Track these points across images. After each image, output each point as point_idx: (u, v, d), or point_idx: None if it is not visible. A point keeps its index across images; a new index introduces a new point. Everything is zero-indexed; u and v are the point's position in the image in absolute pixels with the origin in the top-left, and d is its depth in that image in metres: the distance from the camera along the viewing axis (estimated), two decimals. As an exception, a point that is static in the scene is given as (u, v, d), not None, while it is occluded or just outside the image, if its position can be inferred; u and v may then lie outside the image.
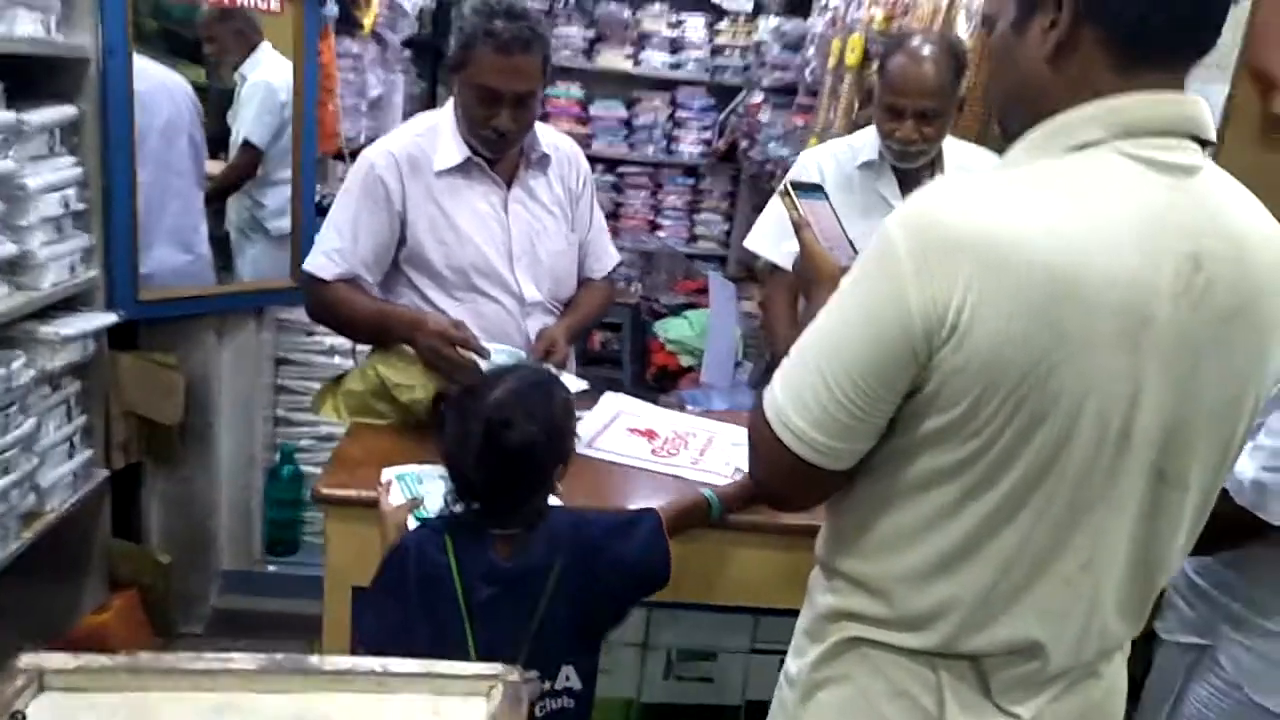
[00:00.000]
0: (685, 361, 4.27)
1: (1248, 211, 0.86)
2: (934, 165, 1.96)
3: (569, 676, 1.26)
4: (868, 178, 1.96)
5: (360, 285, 1.79)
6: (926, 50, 1.84)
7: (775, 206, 2.09)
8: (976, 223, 0.79)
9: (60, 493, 2.05)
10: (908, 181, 1.96)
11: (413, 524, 1.32)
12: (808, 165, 2.04)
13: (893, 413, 0.87)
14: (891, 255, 0.82)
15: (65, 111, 1.99)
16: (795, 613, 1.54)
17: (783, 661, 1.64)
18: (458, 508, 1.27)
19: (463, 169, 1.78)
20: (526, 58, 1.65)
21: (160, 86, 2.38)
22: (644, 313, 4.49)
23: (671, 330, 4.35)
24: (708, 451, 1.73)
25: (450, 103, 1.85)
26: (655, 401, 2.22)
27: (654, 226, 5.07)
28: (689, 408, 3.57)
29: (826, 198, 1.21)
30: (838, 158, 2.02)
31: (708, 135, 5.01)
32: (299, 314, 2.69)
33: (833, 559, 0.99)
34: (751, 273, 4.73)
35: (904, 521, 0.90)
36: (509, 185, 1.82)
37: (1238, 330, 0.84)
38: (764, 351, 4.13)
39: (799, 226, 1.15)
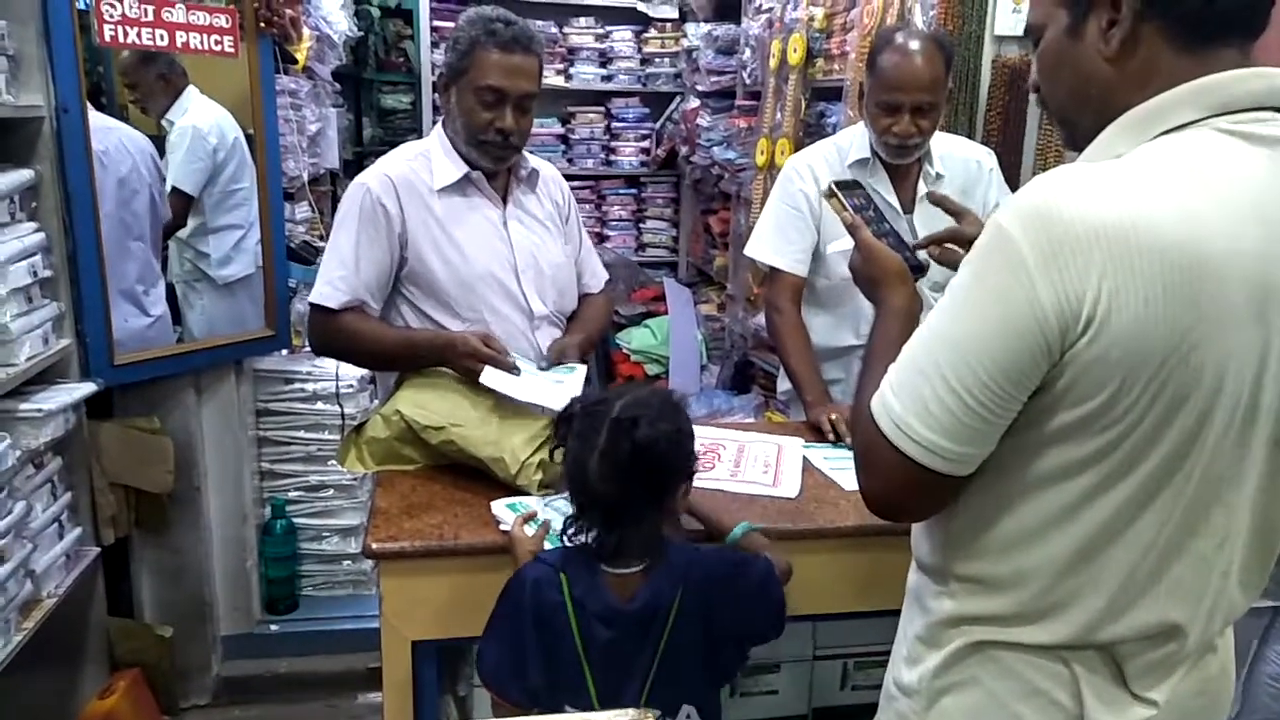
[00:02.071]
0: (651, 370, 4.27)
1: None
2: (922, 157, 1.99)
3: (690, 716, 1.24)
4: (860, 175, 1.99)
5: (367, 313, 1.77)
6: (915, 45, 1.86)
7: (769, 213, 2.10)
8: (1101, 212, 0.79)
9: (55, 576, 1.94)
10: (898, 176, 2.00)
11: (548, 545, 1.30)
12: (799, 169, 2.04)
13: (1019, 410, 0.86)
14: (1013, 253, 0.81)
15: (23, 175, 1.89)
16: (852, 615, 1.57)
17: (846, 665, 1.69)
18: (576, 539, 1.24)
19: (460, 187, 1.79)
20: (528, 58, 1.72)
21: (116, 142, 2.28)
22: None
23: (634, 340, 4.34)
24: (743, 462, 1.73)
25: (438, 128, 1.85)
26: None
27: (601, 239, 5.05)
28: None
29: (865, 192, 1.22)
30: (827, 159, 2.04)
31: (646, 144, 5.01)
32: (277, 363, 2.61)
33: (949, 563, 0.98)
34: (706, 275, 4.76)
35: (1034, 516, 0.89)
36: (504, 202, 1.84)
37: None
38: (730, 353, 4.16)
39: (853, 227, 1.14)
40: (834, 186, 1.21)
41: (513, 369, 1.67)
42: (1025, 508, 0.90)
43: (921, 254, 1.21)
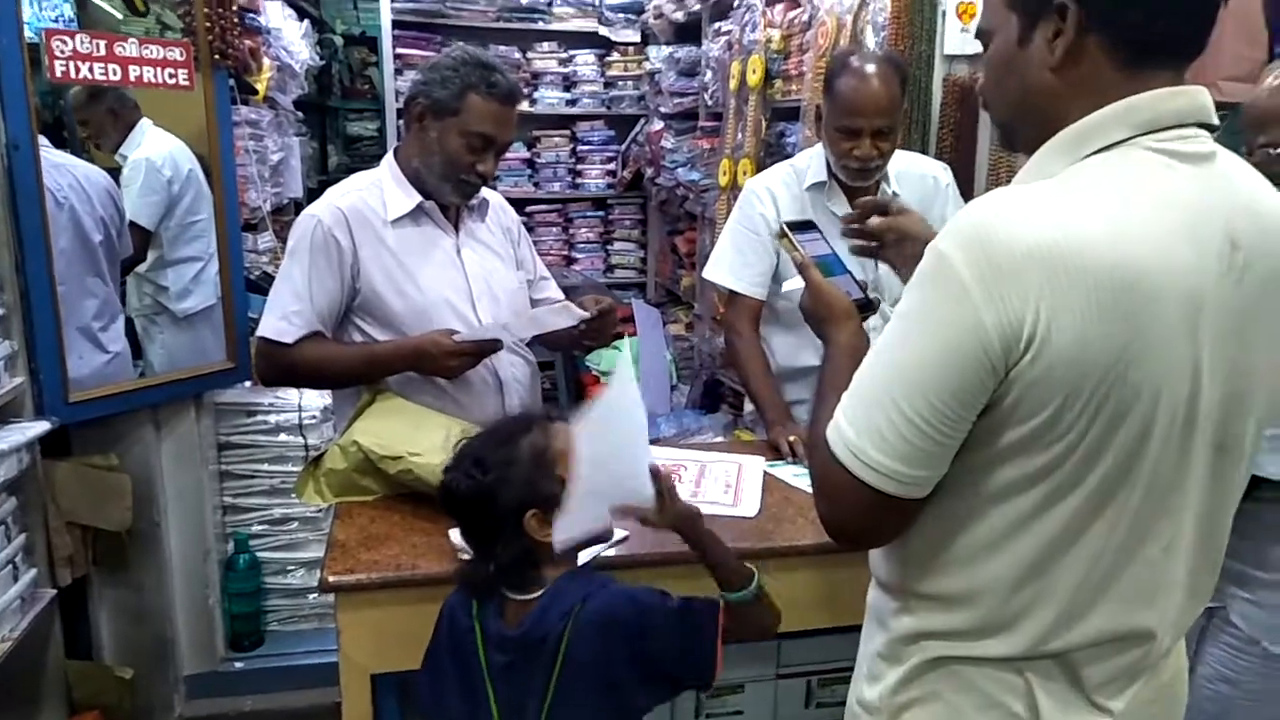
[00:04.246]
0: (621, 392, 4.27)
1: (1258, 186, 0.92)
2: (879, 177, 2.01)
3: None
4: (818, 198, 2.00)
5: (322, 338, 1.78)
6: (871, 68, 1.88)
7: (727, 236, 2.11)
8: (1035, 234, 0.81)
9: (9, 619, 1.89)
10: (855, 196, 2.01)
11: None
12: (758, 192, 2.06)
13: (969, 431, 0.87)
14: (953, 277, 0.82)
15: (-27, 213, 1.87)
16: (813, 634, 1.58)
17: (810, 682, 1.69)
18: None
19: (413, 217, 1.80)
20: (515, 110, 1.77)
21: (71, 180, 2.25)
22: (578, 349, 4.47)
23: (604, 361, 4.34)
24: (703, 482, 1.73)
25: (388, 158, 1.85)
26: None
27: (569, 261, 5.06)
28: (638, 438, 3.57)
29: (819, 232, 1.23)
30: (785, 182, 2.05)
31: (611, 166, 5.04)
32: (238, 395, 2.59)
33: (906, 581, 0.98)
34: (674, 295, 4.77)
35: (987, 531, 0.91)
36: (456, 231, 1.86)
37: (1275, 297, 0.89)
38: (699, 372, 4.17)
39: (803, 267, 1.16)
40: (785, 227, 1.23)
41: (495, 343, 1.72)
42: (978, 524, 0.91)
43: (873, 293, 1.23)
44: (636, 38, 4.89)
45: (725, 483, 1.72)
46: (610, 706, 1.19)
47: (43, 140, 2.04)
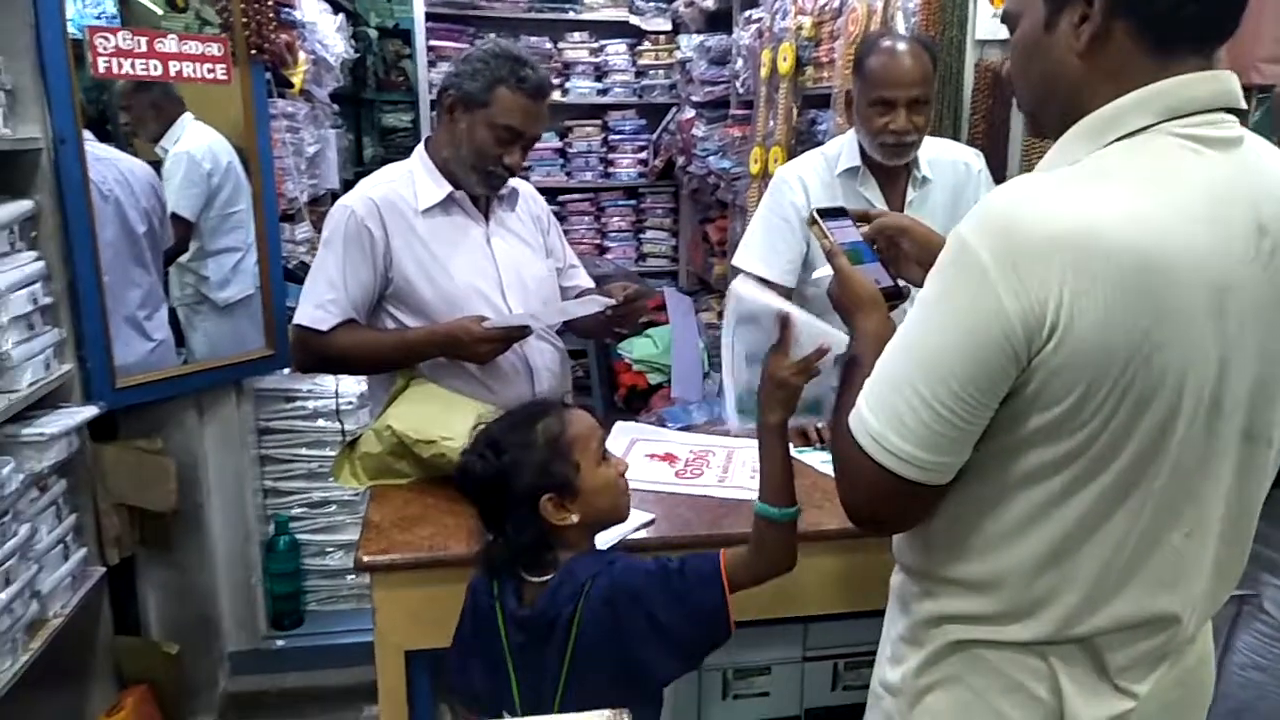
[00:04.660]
0: (654, 379, 4.29)
1: None
2: (909, 163, 2.00)
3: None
4: (849, 185, 2.00)
5: (356, 325, 1.82)
6: (902, 45, 1.89)
7: (758, 223, 2.11)
8: (1057, 220, 0.81)
9: (60, 596, 1.97)
10: (888, 183, 2.01)
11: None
12: (789, 180, 2.05)
13: (991, 417, 0.88)
14: (975, 265, 0.83)
15: (22, 206, 1.93)
16: (843, 616, 1.59)
17: (837, 665, 1.70)
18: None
19: (443, 207, 1.83)
20: (545, 104, 1.79)
21: (116, 173, 2.32)
22: (609, 337, 4.49)
23: (636, 349, 4.36)
24: (730, 467, 1.75)
25: (419, 149, 1.88)
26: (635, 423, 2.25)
27: (601, 250, 5.09)
28: (669, 425, 3.60)
29: (850, 219, 1.24)
30: (816, 169, 2.05)
31: (643, 155, 5.05)
32: (277, 381, 2.65)
33: (930, 566, 0.99)
34: (706, 284, 4.78)
35: (1011, 517, 0.91)
36: (486, 220, 1.89)
37: None
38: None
39: (832, 254, 1.16)
40: (815, 214, 1.23)
41: (524, 329, 1.75)
42: (1002, 509, 0.92)
43: (901, 281, 1.23)
44: (667, 26, 4.89)
45: (753, 468, 1.73)
46: (626, 681, 1.20)
47: (88, 134, 2.10)
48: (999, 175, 2.39)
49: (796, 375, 1.17)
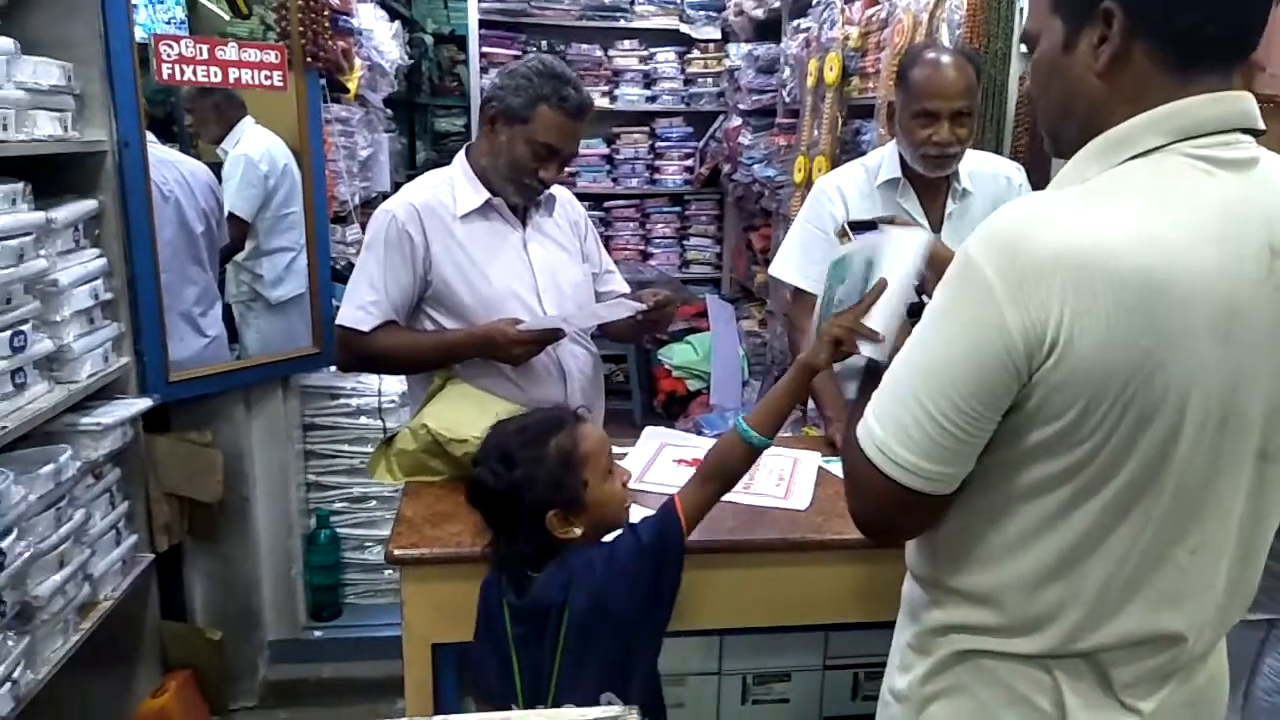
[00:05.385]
0: (693, 385, 4.32)
1: None
2: (950, 175, 1.99)
3: (611, 701, 1.24)
4: (889, 196, 2.00)
5: (396, 326, 1.87)
6: (946, 57, 1.88)
7: (795, 233, 2.12)
8: (1062, 239, 0.82)
9: (111, 580, 2.06)
10: (927, 195, 2.01)
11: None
12: (828, 191, 2.05)
13: (993, 430, 0.89)
14: (980, 281, 0.84)
15: (87, 205, 2.02)
16: (865, 626, 1.60)
17: (857, 675, 1.71)
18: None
19: (482, 212, 1.87)
20: (583, 124, 1.82)
21: (177, 175, 2.42)
22: (647, 341, 4.53)
23: (676, 356, 4.39)
24: (757, 474, 1.77)
25: (460, 155, 1.92)
26: (672, 428, 2.26)
27: (645, 256, 5.13)
28: (706, 431, 3.62)
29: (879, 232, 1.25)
30: (856, 180, 2.05)
31: (689, 163, 5.09)
32: (322, 379, 2.73)
33: (937, 575, 1.00)
34: (748, 292, 4.79)
35: (1014, 529, 0.92)
36: (523, 225, 1.93)
37: None
38: (770, 368, 4.18)
39: None
40: (846, 226, 1.25)
41: (557, 332, 1.79)
42: (1005, 522, 0.92)
43: (927, 296, 1.24)
44: (717, 35, 4.92)
45: (779, 475, 1.76)
46: (620, 648, 1.25)
47: (150, 136, 2.20)
48: (1041, 188, 2.36)
49: (846, 333, 1.22)
